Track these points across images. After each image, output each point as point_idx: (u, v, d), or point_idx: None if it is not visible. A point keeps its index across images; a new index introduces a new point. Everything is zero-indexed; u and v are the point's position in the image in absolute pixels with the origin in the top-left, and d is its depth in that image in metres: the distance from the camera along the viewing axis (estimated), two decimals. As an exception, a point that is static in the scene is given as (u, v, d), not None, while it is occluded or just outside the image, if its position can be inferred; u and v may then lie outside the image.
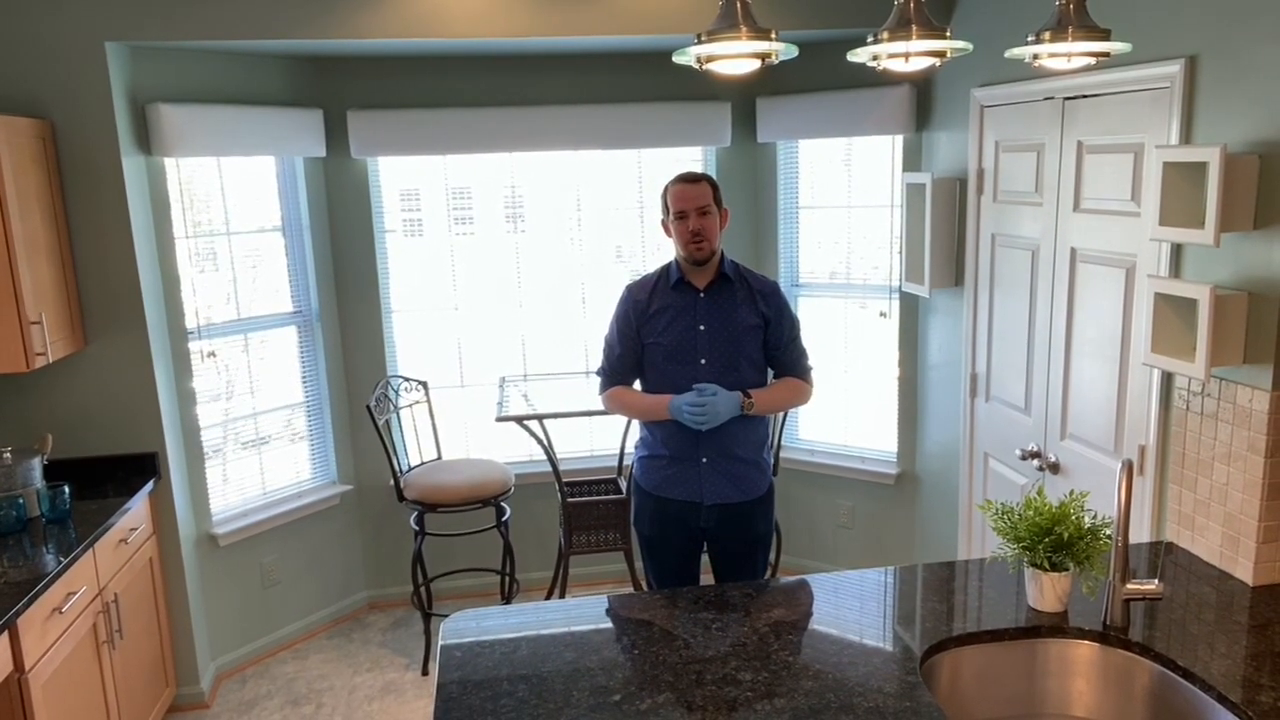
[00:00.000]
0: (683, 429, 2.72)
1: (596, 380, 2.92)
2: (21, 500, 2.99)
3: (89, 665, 2.89)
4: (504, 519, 4.00)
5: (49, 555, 2.78)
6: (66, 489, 3.07)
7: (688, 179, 2.70)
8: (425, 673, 3.88)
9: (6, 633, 2.40)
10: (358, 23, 3.36)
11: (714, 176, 4.37)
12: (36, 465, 3.12)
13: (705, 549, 2.91)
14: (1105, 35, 2.04)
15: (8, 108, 3.19)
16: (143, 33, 3.26)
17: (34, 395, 3.39)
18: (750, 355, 2.75)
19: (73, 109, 3.25)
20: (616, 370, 2.85)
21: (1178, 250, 2.51)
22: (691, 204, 2.66)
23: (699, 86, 4.19)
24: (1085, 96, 2.86)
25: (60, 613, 2.68)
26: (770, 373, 2.87)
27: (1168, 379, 2.58)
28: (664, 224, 2.76)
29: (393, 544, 4.45)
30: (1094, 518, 2.11)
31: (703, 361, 2.73)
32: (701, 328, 2.73)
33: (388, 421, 4.04)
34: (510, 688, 1.88)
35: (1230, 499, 2.32)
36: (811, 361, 2.90)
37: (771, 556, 4.27)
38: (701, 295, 2.75)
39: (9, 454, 3.09)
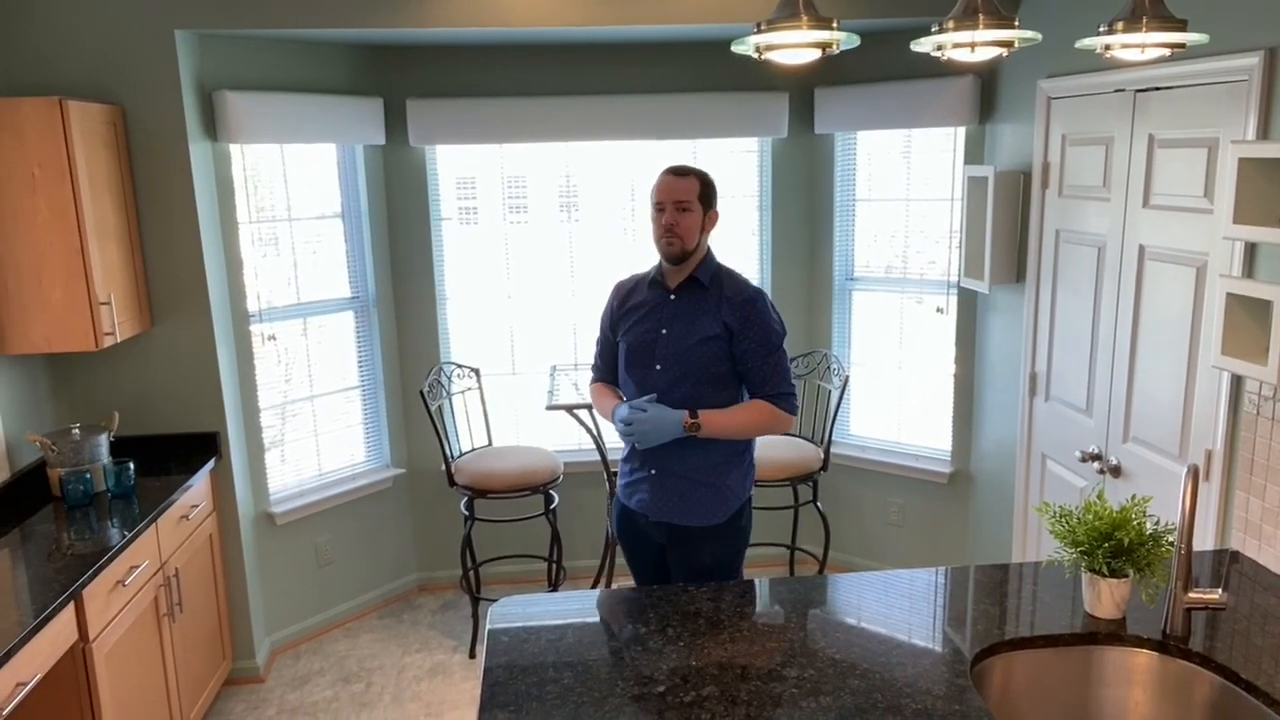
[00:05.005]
0: None
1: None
2: (89, 475, 3.08)
3: (150, 637, 2.97)
4: (552, 507, 4.02)
5: (114, 529, 2.86)
6: (131, 466, 3.16)
7: (675, 171, 2.52)
8: (473, 656, 3.93)
9: (72, 603, 2.48)
10: (420, 13, 3.40)
11: (767, 171, 4.36)
12: (103, 442, 3.22)
13: None
14: (1181, 26, 1.97)
15: (81, 93, 3.29)
16: (211, 21, 3.33)
17: (102, 374, 3.50)
18: (708, 370, 2.52)
19: (143, 95, 3.34)
20: (598, 365, 2.79)
21: (1252, 249, 2.42)
22: (670, 197, 2.49)
23: (756, 77, 4.15)
24: (1158, 89, 2.77)
25: (123, 585, 2.76)
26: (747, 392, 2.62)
27: (1237, 382, 2.49)
28: (651, 216, 2.58)
29: (443, 528, 4.51)
30: (1156, 524, 2.05)
31: (658, 367, 2.55)
32: (664, 331, 2.56)
33: (440, 407, 4.09)
34: (556, 674, 1.89)
35: (1302, 508, 2.24)
36: (794, 387, 2.59)
37: (819, 552, 4.25)
38: (672, 297, 2.58)
39: (78, 430, 3.19)
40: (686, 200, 2.50)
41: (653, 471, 2.60)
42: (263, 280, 3.88)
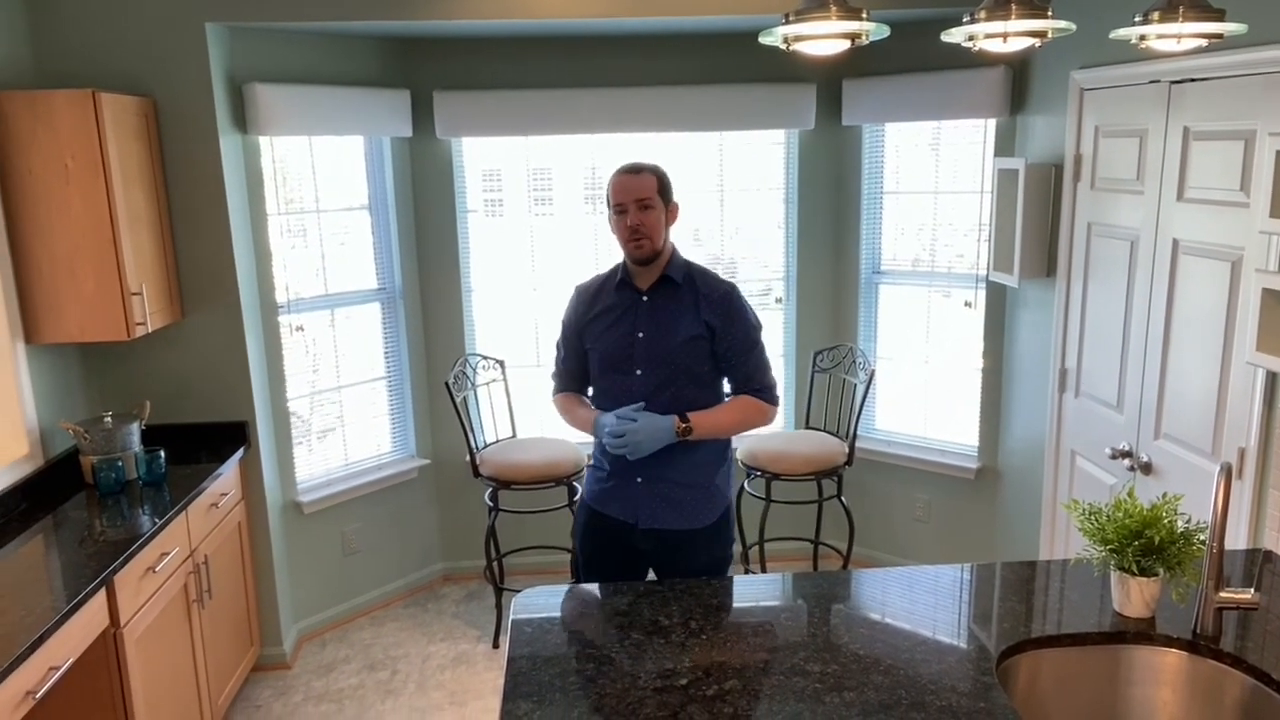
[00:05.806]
0: None
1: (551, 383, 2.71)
2: (120, 463, 3.13)
3: (179, 623, 3.02)
4: (575, 498, 4.03)
5: (145, 516, 2.90)
6: (162, 454, 3.20)
7: (629, 170, 2.46)
8: (496, 646, 3.95)
9: (104, 589, 2.52)
10: (447, 5, 3.40)
11: (793, 163, 4.33)
12: (135, 430, 3.26)
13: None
14: (1219, 15, 1.93)
15: (113, 85, 3.32)
16: (241, 14, 3.35)
17: (134, 363, 3.54)
18: (691, 370, 2.47)
19: (174, 87, 3.37)
20: (562, 375, 2.67)
21: (1290, 244, 2.37)
22: (630, 196, 2.42)
23: (783, 68, 4.12)
24: (1194, 80, 2.72)
25: (154, 572, 2.80)
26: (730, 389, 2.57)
27: (1272, 379, 2.45)
28: (610, 220, 2.51)
29: (467, 519, 4.53)
30: (1187, 522, 2.02)
31: (638, 373, 2.47)
32: (640, 335, 2.47)
33: (465, 399, 4.10)
34: (579, 665, 1.89)
35: (1338, 508, 2.20)
36: (775, 379, 2.56)
37: (843, 547, 4.23)
38: (644, 299, 2.50)
39: (110, 419, 3.24)
40: (647, 197, 2.43)
41: (639, 480, 2.50)
42: (291, 271, 3.91)
